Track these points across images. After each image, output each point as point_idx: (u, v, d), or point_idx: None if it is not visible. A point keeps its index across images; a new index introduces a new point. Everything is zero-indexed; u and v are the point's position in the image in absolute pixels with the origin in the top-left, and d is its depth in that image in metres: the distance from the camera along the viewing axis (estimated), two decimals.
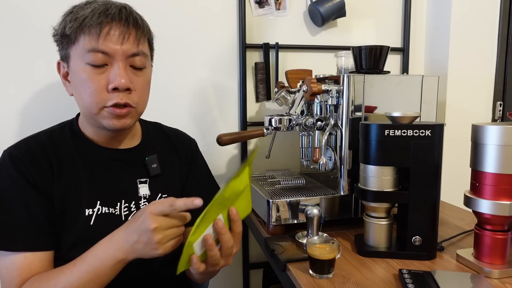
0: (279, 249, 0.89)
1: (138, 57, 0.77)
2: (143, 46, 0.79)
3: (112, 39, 0.73)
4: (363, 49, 1.03)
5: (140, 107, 0.80)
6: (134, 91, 0.77)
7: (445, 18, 1.44)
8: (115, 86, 0.74)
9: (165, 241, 0.66)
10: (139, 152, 0.88)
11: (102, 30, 0.73)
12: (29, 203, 0.75)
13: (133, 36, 0.76)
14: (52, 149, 0.80)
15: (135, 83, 0.77)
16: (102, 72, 0.74)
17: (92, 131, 0.84)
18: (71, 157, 0.81)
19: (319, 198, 1.01)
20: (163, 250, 0.66)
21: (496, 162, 0.75)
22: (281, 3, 1.38)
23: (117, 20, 0.74)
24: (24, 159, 0.76)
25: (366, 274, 0.78)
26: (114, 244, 0.69)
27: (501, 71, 1.49)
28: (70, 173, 0.80)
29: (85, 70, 0.74)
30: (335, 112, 1.03)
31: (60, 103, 1.23)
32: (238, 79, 1.38)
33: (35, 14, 1.18)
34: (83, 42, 0.73)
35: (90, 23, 0.72)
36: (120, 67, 0.74)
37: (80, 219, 0.78)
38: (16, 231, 0.73)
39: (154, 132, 0.96)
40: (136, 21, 0.77)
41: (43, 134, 0.83)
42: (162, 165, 0.89)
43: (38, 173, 0.76)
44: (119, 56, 0.74)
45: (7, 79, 1.19)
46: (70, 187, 0.79)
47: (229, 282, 1.48)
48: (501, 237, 0.77)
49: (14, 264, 0.72)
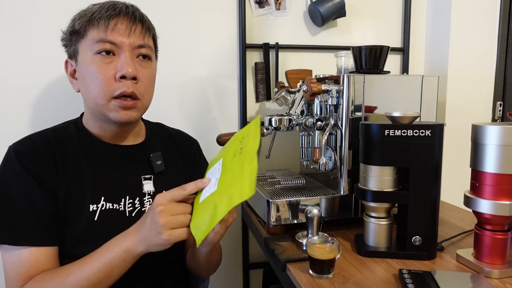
0: (279, 249, 0.89)
1: (144, 48, 0.80)
2: (148, 40, 0.82)
3: (119, 31, 0.77)
4: (363, 49, 1.03)
5: (145, 99, 0.82)
6: (140, 82, 0.79)
7: (445, 18, 1.44)
8: (122, 74, 0.76)
9: (170, 225, 0.66)
10: (143, 149, 0.89)
11: (110, 22, 0.76)
12: (34, 198, 0.75)
13: (139, 29, 0.79)
14: (56, 145, 0.81)
15: (141, 74, 0.79)
16: (110, 62, 0.77)
17: (97, 127, 0.85)
18: (75, 153, 0.82)
19: (319, 198, 1.01)
20: (168, 235, 0.65)
21: (496, 162, 0.75)
22: (281, 3, 1.38)
23: (124, 14, 0.78)
24: (29, 154, 0.77)
25: (366, 274, 0.78)
26: (126, 234, 0.71)
27: (501, 71, 1.49)
28: (74, 169, 0.80)
29: (93, 61, 0.77)
30: (335, 112, 1.03)
31: (64, 104, 1.23)
32: (238, 79, 1.38)
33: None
34: (91, 34, 0.77)
35: (99, 16, 0.76)
36: (127, 57, 0.77)
37: (84, 215, 0.78)
38: (20, 225, 0.74)
39: (157, 132, 0.97)
40: (142, 17, 0.81)
41: (48, 131, 0.85)
42: (166, 163, 0.90)
43: (43, 169, 0.77)
44: (126, 46, 0.77)
45: (9, 78, 1.19)
46: (74, 183, 0.79)
47: (229, 282, 1.48)
48: (501, 237, 0.77)
49: (20, 259, 0.72)
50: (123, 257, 0.69)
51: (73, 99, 1.18)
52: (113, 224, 0.78)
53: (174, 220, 0.66)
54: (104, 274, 0.69)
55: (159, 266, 0.86)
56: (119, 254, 0.69)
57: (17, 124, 1.21)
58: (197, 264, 0.89)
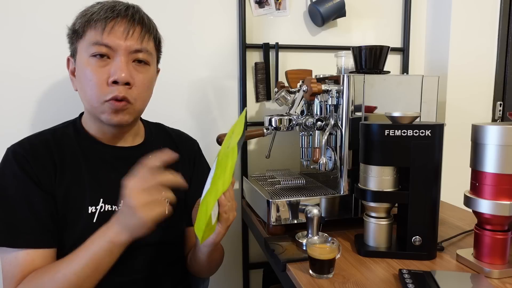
0: (279, 249, 0.89)
1: (141, 53, 0.79)
2: (147, 44, 0.80)
3: (116, 34, 0.75)
4: (363, 49, 1.03)
5: (138, 104, 0.81)
6: (134, 87, 0.78)
7: (445, 18, 1.44)
8: (114, 79, 0.75)
9: (143, 203, 0.63)
10: (142, 150, 0.88)
11: (107, 24, 0.75)
12: (32, 200, 0.75)
13: (137, 32, 0.77)
14: (55, 147, 0.81)
15: (136, 78, 0.78)
16: (105, 66, 0.76)
17: (95, 128, 0.84)
18: (74, 155, 0.82)
19: (319, 198, 1.01)
20: (144, 214, 0.63)
21: (496, 162, 0.75)
22: (281, 3, 1.38)
23: (122, 16, 0.76)
24: (28, 156, 0.77)
25: (366, 274, 0.78)
26: (107, 226, 0.69)
27: (501, 71, 1.49)
28: (73, 171, 0.80)
29: (88, 63, 0.76)
30: (335, 112, 1.03)
31: (63, 103, 1.23)
32: (238, 79, 1.38)
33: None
34: (89, 36, 0.76)
35: (97, 18, 0.75)
36: (121, 61, 0.76)
37: (83, 217, 0.78)
38: (18, 227, 0.73)
39: (156, 133, 0.96)
40: (142, 19, 0.79)
41: (47, 132, 0.84)
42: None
43: (41, 171, 0.77)
44: (122, 50, 0.76)
45: (9, 78, 1.19)
46: (73, 184, 0.79)
47: (229, 282, 1.48)
48: (501, 237, 0.77)
49: (16, 260, 0.72)
50: (109, 249, 0.67)
51: (73, 99, 1.18)
52: None
53: (146, 197, 0.64)
54: (92, 268, 0.68)
55: (160, 266, 0.86)
56: (104, 246, 0.67)
57: (15, 125, 1.21)
58: (199, 264, 0.89)
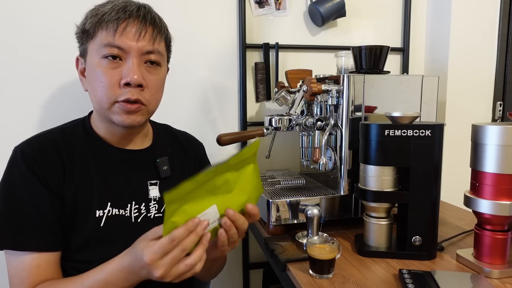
0: (279, 249, 0.89)
1: (153, 55, 0.78)
2: (159, 45, 0.79)
3: (128, 35, 0.74)
4: (363, 49, 1.03)
5: (151, 105, 0.80)
6: (146, 89, 0.77)
7: (445, 18, 1.44)
8: (127, 81, 0.74)
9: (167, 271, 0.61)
10: (150, 154, 0.88)
11: (119, 26, 0.74)
12: (40, 202, 0.74)
13: (149, 33, 0.76)
14: (64, 147, 0.79)
15: (148, 80, 0.77)
16: (116, 67, 0.75)
17: (104, 129, 0.83)
18: (83, 157, 0.80)
19: (319, 198, 1.01)
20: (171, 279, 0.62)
21: (496, 162, 0.75)
22: (281, 3, 1.38)
23: (134, 17, 0.75)
24: (36, 156, 0.75)
25: (366, 274, 0.78)
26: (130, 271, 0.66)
27: (501, 71, 1.49)
28: (82, 173, 0.79)
29: (100, 64, 0.75)
30: (335, 112, 1.03)
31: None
32: (238, 79, 1.38)
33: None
34: (100, 37, 0.75)
35: (109, 19, 0.74)
36: (134, 63, 0.75)
37: (90, 220, 0.77)
38: (24, 230, 0.73)
39: (164, 134, 0.95)
40: (153, 20, 0.78)
41: (56, 132, 0.82)
42: (172, 167, 0.89)
43: (50, 172, 0.75)
44: (134, 52, 0.75)
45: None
46: (81, 187, 0.78)
47: (229, 282, 1.48)
48: (501, 237, 0.77)
49: (22, 264, 0.72)
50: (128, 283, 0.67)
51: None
52: (119, 230, 0.77)
53: (174, 271, 0.61)
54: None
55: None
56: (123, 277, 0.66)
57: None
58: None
